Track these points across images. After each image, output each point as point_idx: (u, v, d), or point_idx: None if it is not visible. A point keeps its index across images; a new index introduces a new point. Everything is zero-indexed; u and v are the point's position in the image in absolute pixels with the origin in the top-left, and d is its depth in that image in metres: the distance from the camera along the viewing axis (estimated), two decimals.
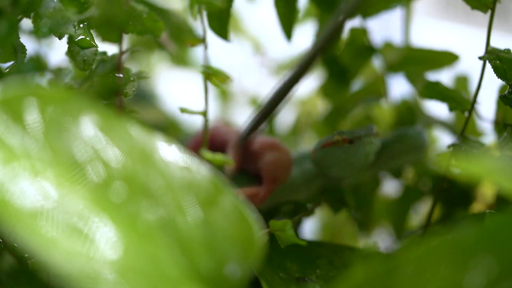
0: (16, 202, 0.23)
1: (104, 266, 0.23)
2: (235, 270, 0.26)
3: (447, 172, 0.45)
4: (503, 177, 0.23)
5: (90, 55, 0.39)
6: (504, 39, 0.49)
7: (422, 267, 0.23)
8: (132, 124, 0.27)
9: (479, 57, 0.42)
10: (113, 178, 0.26)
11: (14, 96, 0.26)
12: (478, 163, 0.24)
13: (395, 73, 0.56)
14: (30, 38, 0.45)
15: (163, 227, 0.26)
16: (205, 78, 0.43)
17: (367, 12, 0.53)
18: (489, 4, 0.42)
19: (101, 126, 0.26)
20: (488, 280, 0.22)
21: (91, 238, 0.24)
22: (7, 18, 0.35)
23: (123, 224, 0.25)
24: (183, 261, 0.26)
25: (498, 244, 0.22)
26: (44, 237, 0.23)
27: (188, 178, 0.27)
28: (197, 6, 0.41)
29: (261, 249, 0.27)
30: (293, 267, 0.40)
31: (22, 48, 0.38)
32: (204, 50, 0.43)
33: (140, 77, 0.43)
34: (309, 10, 0.59)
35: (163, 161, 0.27)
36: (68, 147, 0.26)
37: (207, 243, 0.26)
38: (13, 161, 0.24)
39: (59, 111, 0.26)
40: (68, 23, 0.37)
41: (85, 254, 0.23)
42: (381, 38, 0.56)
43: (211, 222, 0.26)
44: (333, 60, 0.56)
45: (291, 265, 0.41)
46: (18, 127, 0.25)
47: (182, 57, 0.70)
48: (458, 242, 0.22)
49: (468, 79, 0.57)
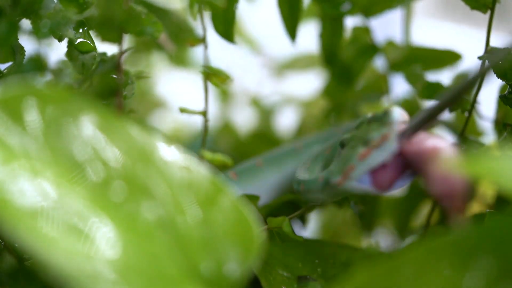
0: (16, 202, 0.23)
1: (104, 265, 0.23)
2: (235, 269, 0.26)
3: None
4: (503, 177, 0.23)
5: (89, 59, 0.39)
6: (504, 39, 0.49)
7: (422, 267, 0.23)
8: (131, 124, 0.27)
9: (479, 57, 0.42)
10: (112, 178, 0.26)
11: (13, 96, 0.26)
12: (478, 163, 0.24)
13: (398, 72, 0.56)
14: (30, 39, 0.45)
15: (162, 227, 0.26)
16: (205, 78, 0.43)
17: (370, 11, 0.53)
18: (488, 5, 0.43)
19: (100, 126, 0.26)
20: (488, 280, 0.22)
21: (90, 237, 0.24)
22: (7, 18, 0.35)
23: (123, 223, 0.25)
24: (182, 261, 0.26)
25: (498, 244, 0.22)
26: (44, 237, 0.23)
27: (187, 177, 0.27)
28: (197, 6, 0.41)
29: (260, 248, 0.27)
30: (293, 266, 0.40)
31: (21, 49, 0.39)
32: (204, 50, 0.43)
33: (139, 77, 0.43)
34: (312, 9, 0.59)
35: (162, 160, 0.27)
36: (68, 147, 0.26)
37: (207, 242, 0.26)
38: (13, 161, 0.24)
39: (58, 111, 0.26)
40: (68, 24, 0.38)
41: (84, 253, 0.23)
42: (382, 37, 0.56)
43: (210, 222, 0.26)
44: (335, 59, 0.56)
45: (292, 264, 0.41)
46: (18, 127, 0.25)
47: (182, 57, 0.70)
48: (458, 242, 0.22)
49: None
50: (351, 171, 0.37)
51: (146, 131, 0.27)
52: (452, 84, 0.48)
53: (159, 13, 0.53)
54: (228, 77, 0.42)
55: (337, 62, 0.56)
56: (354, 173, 0.37)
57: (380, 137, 0.37)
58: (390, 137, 0.36)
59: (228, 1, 0.44)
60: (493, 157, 0.28)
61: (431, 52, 0.55)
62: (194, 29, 0.55)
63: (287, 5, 0.51)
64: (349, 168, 0.37)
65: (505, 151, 0.41)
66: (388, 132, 0.36)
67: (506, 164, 0.24)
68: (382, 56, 0.56)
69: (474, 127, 0.55)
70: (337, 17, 0.53)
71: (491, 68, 0.40)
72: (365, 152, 0.37)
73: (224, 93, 0.76)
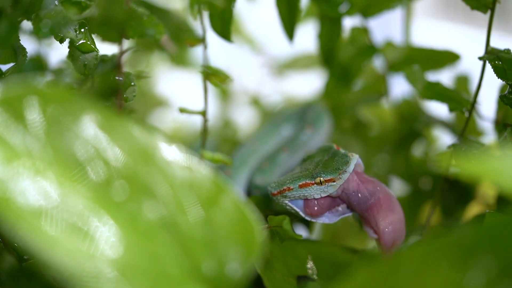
0: (18, 201, 0.23)
1: (105, 264, 0.23)
2: (236, 269, 0.26)
3: (448, 172, 0.46)
4: (503, 177, 0.23)
5: (90, 59, 0.39)
6: (504, 39, 0.49)
7: (422, 266, 0.23)
8: (133, 123, 0.27)
9: (479, 57, 0.42)
10: (114, 177, 0.26)
11: (15, 96, 0.26)
12: (478, 163, 0.24)
13: (396, 72, 0.56)
14: (30, 39, 0.45)
15: (164, 226, 0.26)
16: (205, 78, 0.43)
17: (368, 11, 0.53)
18: (488, 5, 0.43)
19: (102, 126, 0.26)
20: (487, 279, 0.22)
21: (92, 236, 0.24)
22: (7, 19, 0.35)
23: (124, 223, 0.25)
24: (184, 260, 0.26)
25: (497, 244, 0.22)
26: (46, 236, 0.23)
27: (189, 177, 0.27)
28: (197, 6, 0.42)
29: (262, 248, 0.27)
30: (294, 266, 0.40)
31: (23, 50, 0.39)
32: (204, 50, 0.43)
33: (140, 77, 0.43)
34: (311, 10, 0.59)
35: (164, 160, 0.27)
36: (69, 146, 0.26)
37: (208, 242, 0.26)
38: (15, 160, 0.24)
39: (60, 110, 0.26)
40: (69, 24, 0.38)
41: (86, 252, 0.23)
42: (381, 37, 0.56)
43: (212, 221, 0.26)
44: (334, 60, 0.56)
45: (292, 264, 0.41)
46: (20, 126, 0.25)
47: (183, 57, 0.70)
48: (458, 242, 0.22)
49: (468, 79, 0.57)
50: (287, 191, 0.42)
51: (147, 130, 0.27)
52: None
53: (160, 13, 0.53)
54: (228, 77, 0.43)
55: (335, 62, 0.56)
56: (289, 194, 0.42)
57: (327, 178, 0.40)
58: (336, 183, 0.40)
59: (226, 1, 0.44)
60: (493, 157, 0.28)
61: (430, 53, 0.55)
62: (194, 29, 0.55)
63: (285, 5, 0.51)
64: (287, 188, 0.42)
65: (505, 151, 0.41)
66: (336, 178, 0.40)
67: (506, 164, 0.24)
68: (381, 57, 0.56)
69: (474, 127, 0.55)
70: (336, 17, 0.53)
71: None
72: (307, 184, 0.41)
73: (224, 92, 0.76)
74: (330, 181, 0.40)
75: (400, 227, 0.40)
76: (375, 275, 0.23)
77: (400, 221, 0.40)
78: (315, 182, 0.41)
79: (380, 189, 0.40)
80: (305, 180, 0.41)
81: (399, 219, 0.40)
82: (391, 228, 0.39)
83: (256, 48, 0.74)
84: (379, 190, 0.40)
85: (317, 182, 0.40)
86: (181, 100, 0.66)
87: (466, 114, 0.44)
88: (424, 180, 0.57)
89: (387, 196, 0.40)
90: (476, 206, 0.55)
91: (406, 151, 0.58)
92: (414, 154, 0.59)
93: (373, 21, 0.55)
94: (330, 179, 0.40)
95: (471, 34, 0.61)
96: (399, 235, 0.40)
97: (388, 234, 0.39)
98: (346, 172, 0.40)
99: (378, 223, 0.39)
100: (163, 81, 0.77)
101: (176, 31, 0.54)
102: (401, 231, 0.40)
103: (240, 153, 0.52)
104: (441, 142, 0.62)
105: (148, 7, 0.44)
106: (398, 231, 0.40)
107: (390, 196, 0.40)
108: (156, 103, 0.72)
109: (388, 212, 0.40)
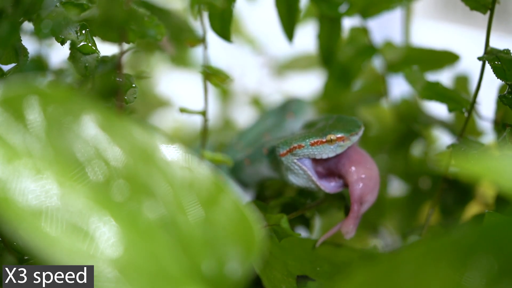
0: (18, 201, 0.23)
1: (105, 264, 0.23)
2: (236, 268, 0.26)
3: (447, 172, 0.46)
4: (503, 177, 0.23)
5: (91, 61, 0.39)
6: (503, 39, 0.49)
7: (422, 266, 0.23)
8: (133, 123, 0.27)
9: (479, 57, 0.42)
10: (114, 177, 0.26)
11: (15, 95, 0.26)
12: (477, 163, 0.24)
13: (396, 73, 0.56)
14: (31, 39, 0.45)
15: (164, 226, 0.26)
16: (205, 78, 0.43)
17: (367, 12, 0.53)
18: (488, 5, 0.43)
19: (102, 126, 0.26)
20: (487, 279, 0.22)
21: (92, 236, 0.24)
22: (8, 19, 0.36)
23: (125, 222, 0.25)
24: (184, 260, 0.26)
25: (497, 244, 0.22)
26: (46, 236, 0.23)
27: (189, 177, 0.27)
28: (197, 6, 0.42)
29: (262, 247, 0.27)
30: (293, 266, 0.41)
31: (24, 51, 0.39)
32: (204, 50, 0.43)
33: (140, 78, 0.43)
34: (310, 10, 0.59)
35: (164, 160, 0.27)
36: (70, 146, 0.26)
37: (208, 242, 0.26)
38: (15, 160, 0.24)
39: (60, 110, 0.26)
40: (70, 25, 0.38)
41: (86, 252, 0.23)
42: (381, 38, 0.56)
43: (212, 221, 0.26)
44: (333, 60, 0.56)
45: (292, 263, 0.41)
46: (20, 125, 0.25)
47: (183, 58, 0.70)
48: (458, 242, 0.22)
49: (467, 79, 0.57)
50: (298, 149, 0.41)
51: (147, 130, 0.27)
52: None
53: (160, 14, 0.53)
54: (228, 77, 0.43)
55: (334, 62, 0.56)
56: (299, 152, 0.41)
57: (339, 136, 0.40)
58: (345, 143, 0.40)
59: (226, 1, 0.44)
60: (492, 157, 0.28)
61: (429, 53, 0.55)
62: (194, 29, 0.55)
63: (285, 6, 0.51)
64: (298, 146, 0.41)
65: (504, 151, 0.41)
66: (347, 138, 0.40)
67: (506, 164, 0.24)
68: (380, 57, 0.56)
69: (473, 127, 0.55)
70: (335, 18, 0.53)
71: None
72: (318, 142, 0.41)
73: (224, 92, 0.76)
74: (340, 139, 0.40)
75: (370, 183, 0.40)
76: (374, 275, 0.23)
77: (371, 178, 0.40)
78: (326, 140, 0.41)
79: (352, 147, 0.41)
80: (316, 138, 0.41)
81: (370, 176, 0.40)
82: (360, 180, 0.40)
83: (256, 48, 0.74)
84: (351, 148, 0.41)
85: (328, 140, 0.40)
86: (181, 100, 0.66)
87: (465, 114, 0.44)
88: (423, 180, 0.57)
89: (358, 151, 0.41)
90: (476, 206, 0.55)
91: (405, 151, 0.58)
92: (413, 154, 0.59)
93: (372, 22, 0.55)
94: (341, 137, 0.40)
95: (471, 34, 0.61)
96: (368, 190, 0.40)
97: (356, 183, 0.40)
98: (357, 135, 0.40)
99: (347, 171, 0.40)
100: (164, 81, 0.77)
101: (177, 32, 0.54)
102: (371, 188, 0.40)
103: (228, 151, 0.52)
104: (441, 142, 0.62)
105: (149, 8, 0.44)
106: (368, 187, 0.40)
107: (361, 153, 0.41)
108: (157, 103, 0.72)
109: (358, 164, 0.40)
